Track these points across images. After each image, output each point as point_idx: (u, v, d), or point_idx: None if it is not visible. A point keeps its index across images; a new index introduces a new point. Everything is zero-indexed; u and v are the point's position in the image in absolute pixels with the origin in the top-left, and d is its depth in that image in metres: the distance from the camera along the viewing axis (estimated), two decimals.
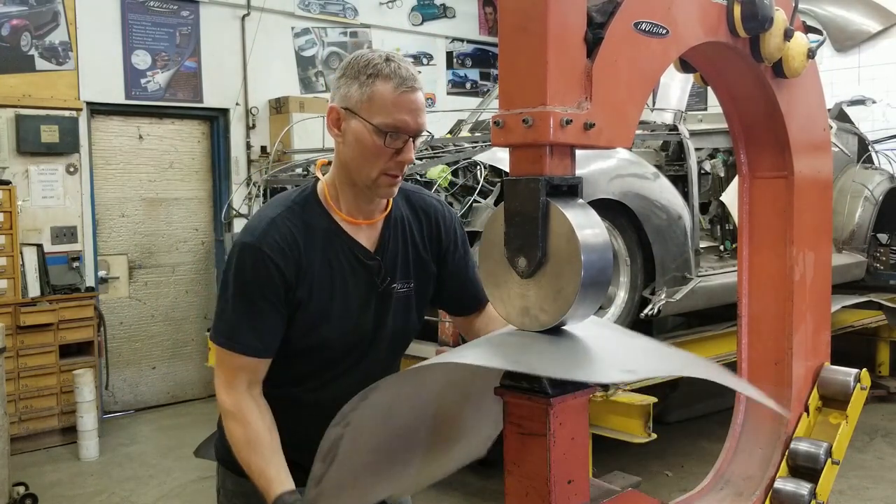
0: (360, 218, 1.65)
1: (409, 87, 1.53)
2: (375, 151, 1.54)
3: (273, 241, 1.55)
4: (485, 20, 8.67)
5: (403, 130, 1.54)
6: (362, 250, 1.65)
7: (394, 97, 1.52)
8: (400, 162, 1.57)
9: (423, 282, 1.75)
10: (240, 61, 6.79)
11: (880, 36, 7.63)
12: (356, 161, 1.57)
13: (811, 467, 1.91)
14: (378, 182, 1.58)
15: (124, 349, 6.38)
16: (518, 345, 1.26)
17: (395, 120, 1.53)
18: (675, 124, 4.55)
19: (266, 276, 1.54)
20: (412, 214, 1.75)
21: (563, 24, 1.23)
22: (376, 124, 1.53)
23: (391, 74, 1.53)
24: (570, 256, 1.19)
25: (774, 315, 1.98)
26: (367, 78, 1.53)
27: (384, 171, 1.57)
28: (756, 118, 1.94)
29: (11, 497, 4.13)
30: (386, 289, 1.67)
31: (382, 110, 1.52)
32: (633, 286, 4.12)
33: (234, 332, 1.56)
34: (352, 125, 1.56)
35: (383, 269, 1.66)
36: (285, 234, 1.57)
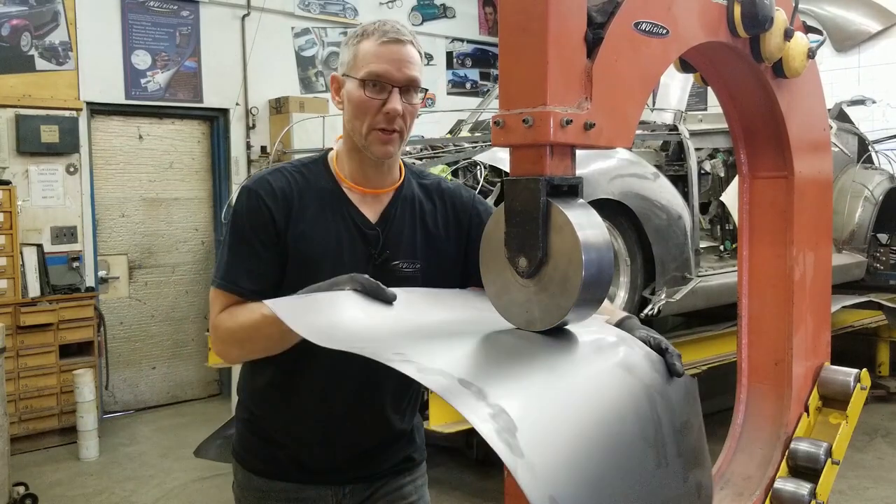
0: (365, 186, 1.64)
1: (390, 38, 1.55)
2: (361, 106, 1.55)
3: (268, 185, 1.58)
4: (485, 20, 8.67)
5: (385, 79, 1.54)
6: (362, 218, 1.63)
7: (375, 48, 1.55)
8: (386, 114, 1.55)
9: (434, 265, 1.68)
10: (240, 61, 6.79)
11: (880, 36, 7.63)
12: (350, 121, 1.59)
13: (811, 467, 1.91)
14: (370, 138, 1.57)
15: (124, 349, 6.38)
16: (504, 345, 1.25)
17: (375, 69, 1.54)
18: (675, 124, 4.55)
19: (258, 216, 1.56)
20: (426, 197, 1.72)
21: (564, 24, 1.23)
22: (359, 78, 1.55)
23: (374, 31, 1.56)
24: (570, 256, 1.19)
25: (774, 315, 1.99)
26: (355, 38, 1.58)
27: (373, 125, 1.56)
28: (756, 118, 1.94)
29: (11, 497, 4.13)
30: (384, 263, 1.62)
31: (364, 62, 1.55)
32: (633, 286, 4.12)
33: (230, 273, 1.57)
34: (346, 88, 1.59)
35: (382, 240, 1.63)
36: (282, 183, 1.59)
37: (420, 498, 1.79)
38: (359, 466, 1.71)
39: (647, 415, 1.18)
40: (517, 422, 0.95)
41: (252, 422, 1.73)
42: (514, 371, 1.14)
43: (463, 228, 1.72)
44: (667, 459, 1.20)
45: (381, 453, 1.73)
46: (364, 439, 1.70)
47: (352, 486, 1.71)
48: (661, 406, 1.22)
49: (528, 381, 1.10)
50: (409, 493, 1.77)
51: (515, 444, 0.93)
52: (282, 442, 1.68)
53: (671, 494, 1.21)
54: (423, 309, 1.42)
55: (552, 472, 0.95)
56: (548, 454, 0.96)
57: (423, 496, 1.81)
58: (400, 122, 1.58)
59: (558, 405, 1.07)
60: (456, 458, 4.79)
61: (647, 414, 1.18)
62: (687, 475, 1.26)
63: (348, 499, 1.71)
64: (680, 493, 1.24)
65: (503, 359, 1.20)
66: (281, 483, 1.68)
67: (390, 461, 1.74)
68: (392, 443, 1.74)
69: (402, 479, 1.77)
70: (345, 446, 1.69)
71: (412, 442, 1.79)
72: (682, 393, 1.30)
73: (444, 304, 1.45)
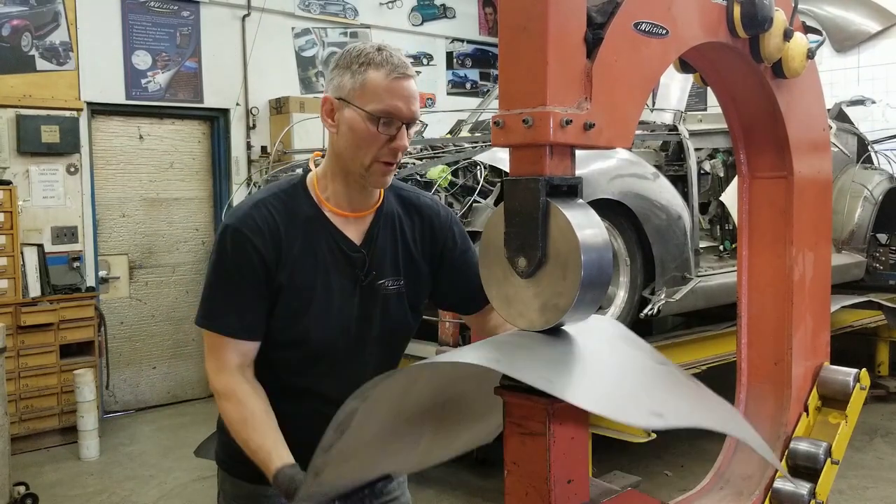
0: (347, 210, 1.64)
1: (400, 73, 1.55)
2: (369, 139, 1.55)
3: (253, 222, 1.57)
4: (485, 20, 8.67)
5: (396, 116, 1.55)
6: (347, 242, 1.64)
7: (386, 83, 1.53)
8: (393, 149, 1.57)
9: (415, 281, 1.73)
10: (240, 61, 6.80)
11: (880, 36, 7.63)
12: (350, 150, 1.58)
13: (811, 467, 1.91)
14: (372, 169, 1.58)
15: (124, 349, 6.39)
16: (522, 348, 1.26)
17: (388, 106, 1.54)
18: (674, 124, 4.56)
19: (245, 257, 1.56)
20: (405, 213, 1.74)
21: (563, 24, 1.23)
22: (369, 111, 1.54)
23: (383, 62, 1.54)
24: (570, 256, 1.19)
25: (774, 315, 1.99)
26: (360, 66, 1.55)
27: (377, 158, 1.57)
28: (756, 118, 1.94)
29: (12, 497, 4.13)
30: (371, 284, 1.65)
31: (375, 97, 1.54)
32: (633, 286, 4.13)
33: (214, 313, 1.58)
34: (345, 114, 1.57)
35: (367, 262, 1.65)
36: (266, 217, 1.58)
37: (402, 493, 1.85)
38: None
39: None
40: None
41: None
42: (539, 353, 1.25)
43: (437, 247, 1.76)
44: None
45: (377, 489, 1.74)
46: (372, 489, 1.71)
47: None
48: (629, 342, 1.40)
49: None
50: (392, 490, 1.82)
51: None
52: None
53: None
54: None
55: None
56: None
57: (405, 492, 1.86)
58: (401, 155, 1.60)
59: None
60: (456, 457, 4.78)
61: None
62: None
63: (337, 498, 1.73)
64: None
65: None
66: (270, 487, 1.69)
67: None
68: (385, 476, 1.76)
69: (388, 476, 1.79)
70: None
71: None
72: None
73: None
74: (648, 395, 1.23)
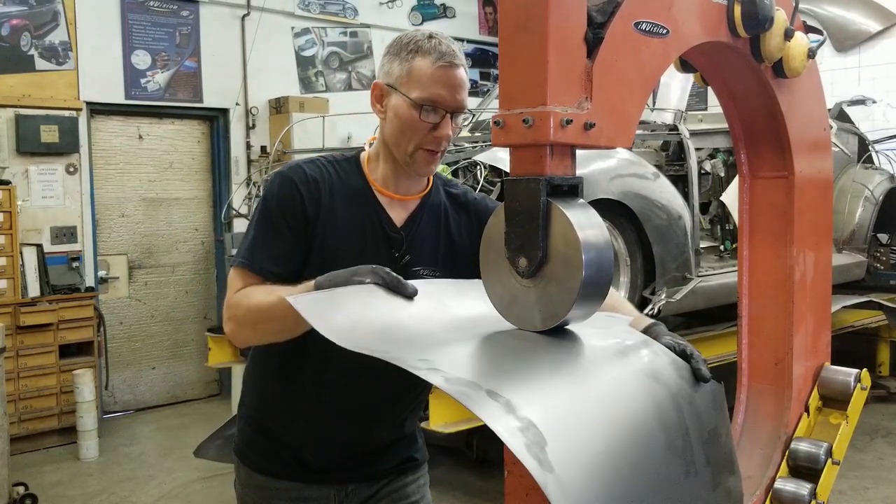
0: (394, 192, 1.65)
1: (447, 62, 1.54)
2: (412, 126, 1.55)
3: (302, 172, 1.59)
4: (485, 20, 8.67)
5: (439, 104, 1.54)
6: (388, 221, 1.64)
7: (431, 71, 1.53)
8: (437, 137, 1.56)
9: (454, 274, 1.67)
10: (240, 61, 6.79)
11: (880, 36, 7.63)
12: (395, 136, 1.58)
13: (811, 467, 1.91)
14: (415, 157, 1.58)
15: (124, 349, 6.38)
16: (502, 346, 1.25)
17: (431, 94, 1.53)
18: (675, 124, 4.55)
19: (289, 202, 1.56)
20: (453, 206, 1.72)
21: (564, 23, 1.23)
22: (413, 98, 1.54)
23: (431, 50, 1.54)
24: (570, 256, 1.19)
25: (775, 315, 1.98)
26: (408, 53, 1.56)
27: (420, 145, 1.57)
28: (756, 118, 1.94)
29: (11, 497, 4.12)
30: (406, 268, 1.62)
31: (419, 84, 1.54)
32: (634, 286, 4.12)
33: (254, 254, 1.56)
34: (392, 100, 1.58)
35: (405, 245, 1.64)
36: (315, 174, 1.59)
37: (422, 497, 1.80)
38: (362, 465, 1.70)
39: (673, 424, 1.17)
40: (546, 435, 0.94)
41: (255, 419, 1.72)
42: (540, 379, 1.12)
43: None
44: (695, 468, 1.19)
45: (384, 453, 1.73)
46: (368, 439, 1.70)
47: (355, 485, 1.71)
48: (687, 414, 1.21)
49: (556, 391, 1.09)
50: (412, 493, 1.77)
51: (545, 458, 0.92)
52: (285, 440, 1.68)
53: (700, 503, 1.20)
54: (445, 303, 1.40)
55: (582, 488, 0.94)
56: (577, 468, 0.96)
57: (426, 496, 1.81)
58: (445, 143, 1.59)
59: (586, 416, 1.06)
60: (456, 458, 4.79)
61: (675, 423, 1.18)
62: (716, 482, 1.26)
63: (351, 498, 1.71)
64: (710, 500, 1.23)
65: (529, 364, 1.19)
66: (283, 481, 1.68)
67: (393, 461, 1.74)
68: (395, 442, 1.74)
69: (406, 478, 1.77)
70: (348, 445, 1.68)
71: (414, 442, 1.80)
72: (708, 399, 1.29)
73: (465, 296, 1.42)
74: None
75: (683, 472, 1.17)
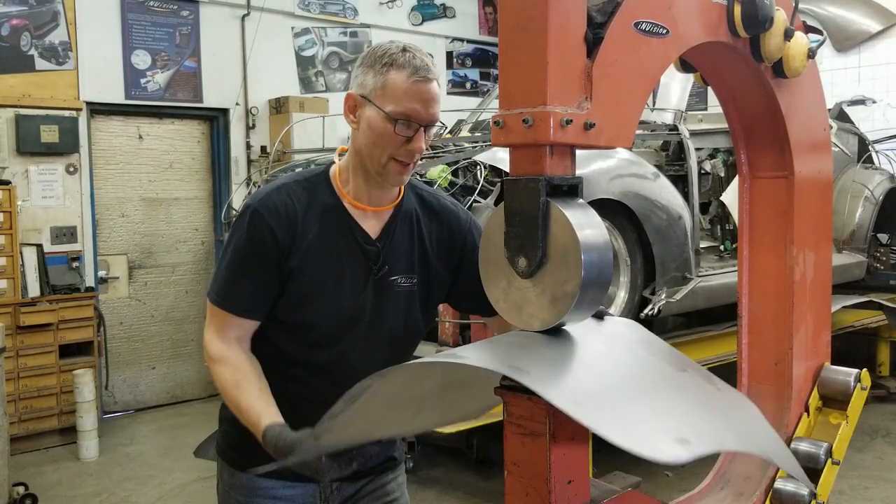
0: (366, 204, 1.66)
1: (421, 76, 1.55)
2: (386, 138, 1.57)
3: (272, 204, 1.60)
4: (485, 20, 8.67)
5: (414, 119, 1.56)
6: (363, 234, 1.66)
7: (406, 86, 1.55)
8: (410, 150, 1.58)
9: (429, 281, 1.74)
10: (240, 61, 6.79)
11: (880, 36, 7.63)
12: (367, 147, 1.60)
13: (811, 467, 1.91)
14: (388, 168, 1.60)
15: (124, 349, 6.38)
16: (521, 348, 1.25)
17: (406, 108, 1.55)
18: (675, 124, 4.55)
19: (260, 238, 1.59)
20: (424, 214, 1.75)
21: (564, 23, 1.23)
22: (388, 112, 1.55)
23: (405, 64, 1.55)
24: (570, 256, 1.19)
25: (775, 315, 1.98)
26: (382, 66, 1.57)
27: (394, 157, 1.58)
28: (756, 118, 1.94)
29: (11, 497, 4.12)
30: (383, 279, 1.67)
31: (394, 98, 1.55)
32: (633, 286, 4.12)
33: (227, 291, 1.62)
34: (366, 112, 1.59)
35: (381, 256, 1.66)
36: (285, 201, 1.61)
37: (402, 495, 1.86)
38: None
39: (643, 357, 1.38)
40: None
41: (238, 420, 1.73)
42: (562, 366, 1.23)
43: (455, 250, 1.77)
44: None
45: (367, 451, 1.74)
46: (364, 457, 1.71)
47: (338, 483, 1.74)
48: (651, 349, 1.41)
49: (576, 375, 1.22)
50: (392, 490, 1.84)
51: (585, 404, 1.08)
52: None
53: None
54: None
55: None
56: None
57: (404, 493, 1.88)
58: (417, 156, 1.61)
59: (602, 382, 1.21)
60: (456, 458, 4.79)
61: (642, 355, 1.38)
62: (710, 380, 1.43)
63: (335, 496, 1.76)
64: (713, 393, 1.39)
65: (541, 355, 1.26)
66: (268, 480, 1.69)
67: (375, 460, 1.78)
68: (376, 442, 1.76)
69: (386, 477, 1.83)
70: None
71: (393, 442, 1.85)
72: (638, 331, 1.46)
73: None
74: (668, 412, 1.20)
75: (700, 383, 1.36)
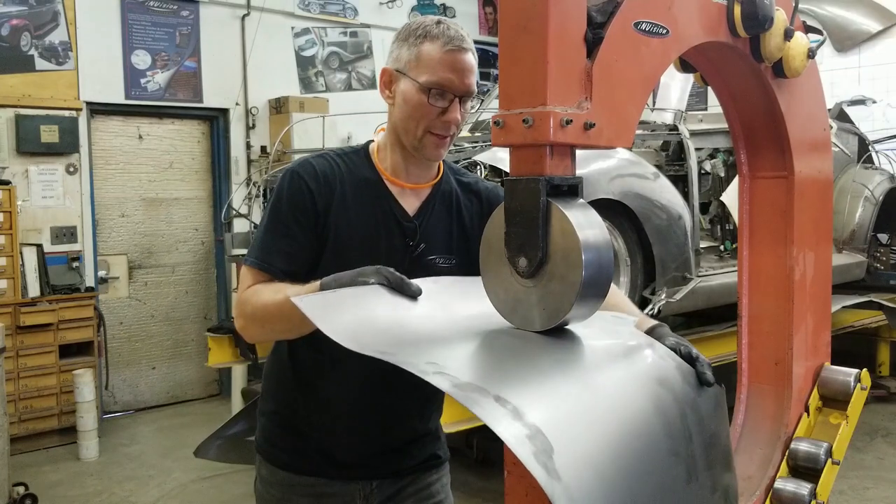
0: (405, 181, 1.64)
1: (455, 46, 1.54)
2: (421, 110, 1.55)
3: (311, 168, 1.59)
4: (485, 20, 8.67)
5: (448, 88, 1.54)
6: (400, 210, 1.63)
7: (440, 55, 1.54)
8: (446, 122, 1.56)
9: (468, 260, 1.67)
10: (240, 61, 6.79)
11: (880, 36, 7.63)
12: (403, 121, 1.58)
13: (811, 467, 1.91)
14: (424, 142, 1.58)
15: (124, 349, 6.38)
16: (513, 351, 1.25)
17: (440, 78, 1.53)
18: (675, 124, 4.55)
19: (299, 199, 1.57)
20: (464, 193, 1.72)
21: (564, 23, 1.23)
22: (422, 82, 1.54)
23: (439, 34, 1.55)
24: (570, 256, 1.19)
25: (774, 315, 1.98)
26: (416, 38, 1.56)
27: (429, 129, 1.57)
28: (756, 118, 1.94)
29: (11, 497, 4.12)
30: (420, 257, 1.63)
31: (428, 68, 1.54)
32: (634, 286, 4.12)
33: (265, 253, 1.57)
34: (401, 85, 1.58)
35: (419, 234, 1.63)
36: (325, 168, 1.60)
37: (446, 497, 1.79)
38: (386, 461, 1.69)
39: (678, 429, 1.18)
40: (553, 443, 0.95)
41: (278, 413, 1.71)
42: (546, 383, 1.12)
43: None
44: (697, 474, 1.20)
45: (408, 449, 1.72)
46: (393, 433, 1.69)
47: (379, 481, 1.70)
48: (691, 419, 1.22)
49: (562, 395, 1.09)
50: (436, 492, 1.77)
51: (552, 466, 0.92)
52: (310, 434, 1.67)
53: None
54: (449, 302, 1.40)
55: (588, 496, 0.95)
56: (584, 476, 0.96)
57: (449, 495, 1.80)
58: (454, 128, 1.59)
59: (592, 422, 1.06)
60: (456, 458, 4.77)
61: (678, 428, 1.18)
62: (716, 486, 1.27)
63: (375, 494, 1.70)
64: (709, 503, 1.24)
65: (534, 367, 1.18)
66: (307, 477, 1.67)
67: (418, 457, 1.74)
68: (420, 438, 1.74)
69: (430, 476, 1.76)
70: (373, 439, 1.67)
71: (437, 439, 1.80)
72: (710, 403, 1.29)
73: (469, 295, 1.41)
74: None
75: (686, 478, 1.17)
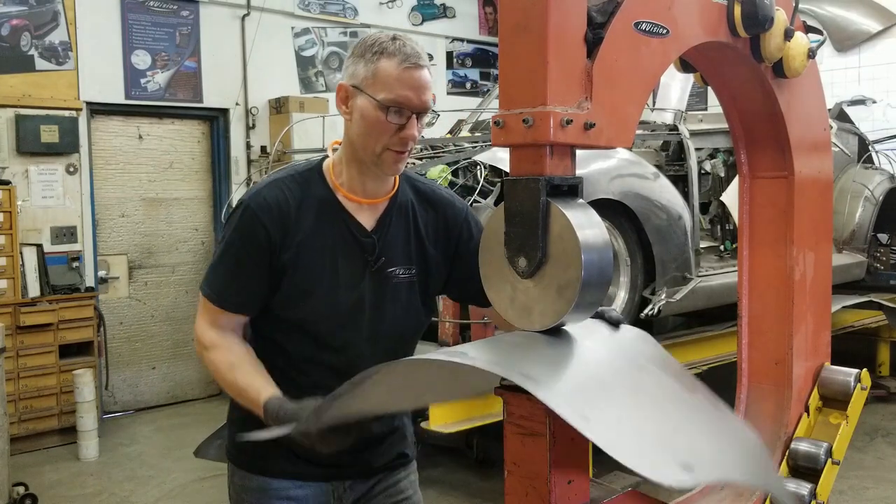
0: (361, 196, 1.66)
1: (412, 63, 1.55)
2: (379, 127, 1.56)
3: (263, 199, 1.60)
4: (485, 20, 8.67)
5: (406, 106, 1.55)
6: (358, 227, 1.65)
7: (397, 73, 1.54)
8: (403, 138, 1.57)
9: (427, 271, 1.72)
10: (240, 61, 6.79)
11: (880, 36, 7.63)
12: (361, 137, 1.59)
13: (811, 467, 1.91)
14: (382, 157, 1.59)
15: (124, 349, 6.38)
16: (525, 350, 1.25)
17: (398, 95, 1.54)
18: (675, 124, 4.55)
19: (251, 234, 1.59)
20: (420, 204, 1.74)
21: (564, 23, 1.23)
22: (379, 100, 1.54)
23: (395, 52, 1.55)
24: (570, 256, 1.19)
25: (775, 315, 1.98)
26: (373, 55, 1.56)
27: (388, 146, 1.58)
28: (756, 118, 1.94)
29: (11, 497, 4.12)
30: (381, 271, 1.66)
31: (385, 86, 1.54)
32: (633, 286, 4.12)
33: (219, 287, 1.63)
34: (358, 102, 1.59)
35: (378, 248, 1.65)
36: (278, 196, 1.61)
37: (415, 492, 1.84)
38: (357, 461, 1.73)
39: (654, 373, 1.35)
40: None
41: (248, 421, 1.72)
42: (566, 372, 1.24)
43: (452, 240, 1.76)
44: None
45: (378, 446, 1.76)
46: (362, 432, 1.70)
47: (351, 481, 1.74)
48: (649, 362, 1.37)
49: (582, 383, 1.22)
50: (405, 488, 1.82)
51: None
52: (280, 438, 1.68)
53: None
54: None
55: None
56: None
57: (417, 491, 1.86)
58: (411, 143, 1.61)
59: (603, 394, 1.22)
60: (456, 458, 4.79)
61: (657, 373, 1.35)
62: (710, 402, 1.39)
63: (348, 494, 1.74)
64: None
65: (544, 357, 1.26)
66: (281, 480, 1.70)
67: (387, 456, 1.78)
68: (388, 435, 1.78)
69: (398, 474, 1.81)
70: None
71: (404, 438, 1.84)
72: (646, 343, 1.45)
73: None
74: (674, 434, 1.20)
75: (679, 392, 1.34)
